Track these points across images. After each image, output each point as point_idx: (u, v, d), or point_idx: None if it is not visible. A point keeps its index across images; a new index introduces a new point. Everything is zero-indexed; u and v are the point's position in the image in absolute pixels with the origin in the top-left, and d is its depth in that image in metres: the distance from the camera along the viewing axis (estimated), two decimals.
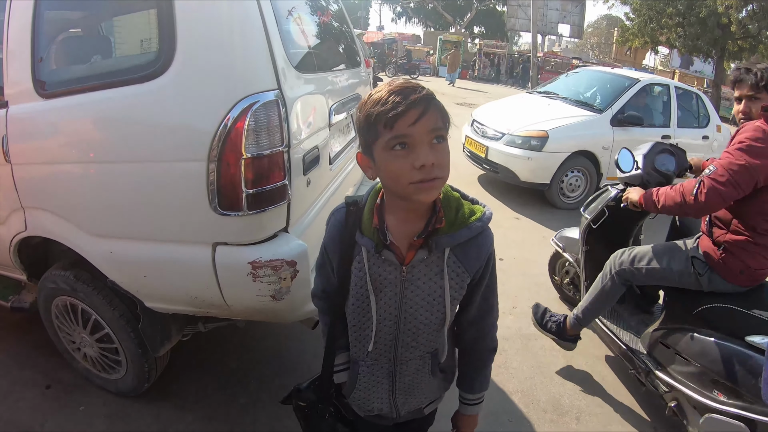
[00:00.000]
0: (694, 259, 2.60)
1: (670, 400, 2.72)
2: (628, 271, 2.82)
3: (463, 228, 1.21)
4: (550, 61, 33.23)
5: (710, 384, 2.46)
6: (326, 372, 1.48)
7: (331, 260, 1.34)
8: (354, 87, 3.02)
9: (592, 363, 3.39)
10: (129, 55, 2.49)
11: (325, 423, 1.53)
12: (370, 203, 1.26)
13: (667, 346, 2.72)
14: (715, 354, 2.43)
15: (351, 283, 1.29)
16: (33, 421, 2.43)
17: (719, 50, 22.11)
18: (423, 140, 1.06)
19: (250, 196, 1.78)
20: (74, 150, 2.02)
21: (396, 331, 1.32)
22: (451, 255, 1.23)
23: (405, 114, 1.04)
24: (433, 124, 1.06)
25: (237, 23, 1.80)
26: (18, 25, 2.07)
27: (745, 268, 2.45)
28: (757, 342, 2.32)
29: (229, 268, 1.90)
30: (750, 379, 2.28)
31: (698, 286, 2.59)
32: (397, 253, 1.23)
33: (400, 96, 1.05)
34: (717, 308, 2.53)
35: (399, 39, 36.87)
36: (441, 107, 1.10)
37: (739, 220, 2.46)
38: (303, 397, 1.55)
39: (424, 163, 1.05)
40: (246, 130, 1.72)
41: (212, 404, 2.62)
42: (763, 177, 2.26)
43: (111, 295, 2.24)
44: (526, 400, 2.96)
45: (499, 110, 7.37)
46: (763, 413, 2.21)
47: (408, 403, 1.44)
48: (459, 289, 1.27)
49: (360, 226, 1.25)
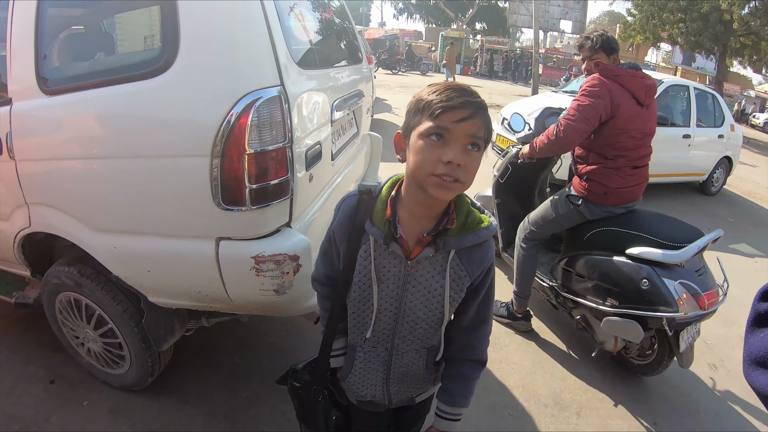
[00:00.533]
0: (569, 196, 3.22)
1: (576, 315, 3.32)
2: (531, 233, 3.42)
3: (471, 233, 1.24)
4: (552, 58, 33.21)
5: (604, 293, 3.02)
6: (323, 354, 1.50)
7: (338, 246, 1.35)
8: (356, 83, 3.02)
9: (593, 358, 3.39)
10: (132, 51, 2.50)
11: (319, 405, 1.55)
12: (385, 194, 1.27)
13: (569, 270, 3.30)
14: (604, 268, 3.04)
15: (355, 271, 1.31)
16: (37, 416, 2.44)
17: (721, 47, 21.99)
18: (459, 140, 1.09)
19: (254, 191, 1.79)
20: (78, 146, 2.02)
21: (395, 322, 1.34)
22: (455, 257, 1.26)
23: (453, 109, 1.08)
24: (475, 131, 1.09)
25: (240, 19, 1.81)
26: (21, 22, 2.07)
27: (607, 190, 3.05)
28: (635, 253, 2.92)
29: (233, 263, 1.91)
30: (633, 284, 2.86)
31: (582, 217, 3.20)
32: (404, 247, 1.25)
33: (456, 93, 1.10)
34: (600, 232, 3.14)
35: (401, 35, 36.90)
36: (488, 120, 1.13)
37: (593, 153, 3.10)
38: (298, 377, 1.58)
39: (452, 159, 1.08)
40: (249, 126, 1.72)
41: (215, 399, 2.64)
42: (604, 112, 2.90)
43: (115, 290, 2.25)
44: (527, 395, 2.98)
45: (531, 110, 7.43)
46: (650, 310, 2.79)
47: (400, 392, 1.47)
48: (459, 291, 1.29)
49: (371, 216, 1.26)
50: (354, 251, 1.30)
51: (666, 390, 3.21)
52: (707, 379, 3.41)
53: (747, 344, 0.80)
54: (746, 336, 0.81)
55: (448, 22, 45.43)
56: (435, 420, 1.46)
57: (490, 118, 1.14)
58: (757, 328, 0.80)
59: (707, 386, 3.33)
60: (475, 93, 1.12)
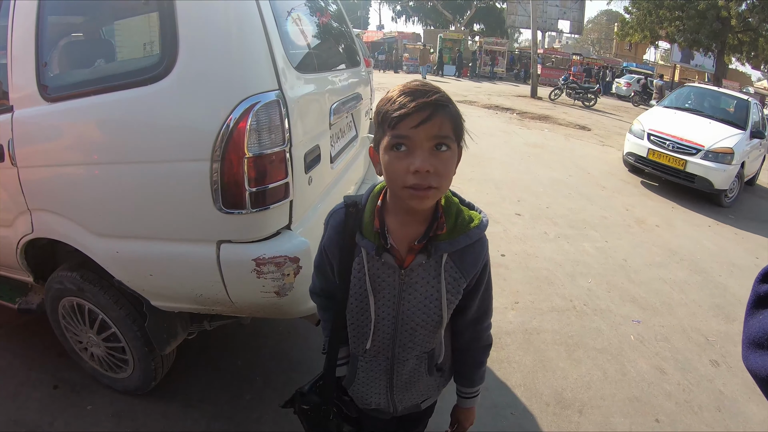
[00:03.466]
0: None
1: None
2: None
3: (462, 235, 1.22)
4: (551, 58, 33.24)
5: None
6: (329, 372, 1.47)
7: (331, 261, 1.35)
8: (354, 86, 3.04)
9: (594, 356, 3.41)
10: (132, 58, 2.51)
11: (331, 423, 1.53)
12: (371, 205, 1.26)
13: None
14: None
15: (351, 283, 1.29)
16: (41, 420, 2.45)
17: (719, 44, 22.03)
18: (423, 145, 1.05)
19: (253, 195, 1.81)
20: (79, 152, 2.04)
21: (394, 331, 1.33)
22: (448, 260, 1.25)
23: (408, 116, 1.03)
24: (437, 131, 1.05)
25: (237, 25, 1.83)
26: (21, 30, 2.09)
27: None
28: None
29: (234, 266, 1.92)
30: None
31: None
32: (396, 256, 1.24)
33: (409, 97, 1.05)
34: None
35: (399, 38, 36.98)
36: (453, 114, 1.09)
37: None
38: (307, 400, 1.54)
39: (418, 168, 1.04)
40: (248, 130, 1.74)
41: (218, 401, 2.65)
42: None
43: (117, 295, 2.26)
44: (529, 394, 2.98)
45: (674, 126, 8.62)
46: None
47: (405, 399, 1.46)
48: (455, 293, 1.28)
49: (360, 228, 1.25)
50: (347, 265, 1.29)
51: (668, 387, 3.21)
52: (709, 375, 3.42)
53: (746, 327, 0.78)
54: (746, 319, 0.79)
55: (446, 24, 45.49)
56: (459, 400, 1.56)
57: (455, 110, 1.10)
58: (756, 310, 0.78)
59: (709, 383, 3.34)
60: (432, 90, 1.07)
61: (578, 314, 3.96)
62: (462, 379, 1.54)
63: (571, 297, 4.23)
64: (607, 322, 3.91)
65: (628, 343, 3.66)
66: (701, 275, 5.10)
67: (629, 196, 7.75)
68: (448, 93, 1.11)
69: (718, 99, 9.83)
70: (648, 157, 8.34)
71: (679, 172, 7.99)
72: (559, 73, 29.41)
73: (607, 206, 7.00)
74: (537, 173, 8.31)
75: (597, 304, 4.17)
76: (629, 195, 7.79)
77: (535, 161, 9.22)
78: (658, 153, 8.20)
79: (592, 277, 4.69)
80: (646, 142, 8.46)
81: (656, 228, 6.38)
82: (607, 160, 10.26)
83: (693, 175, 7.85)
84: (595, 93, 20.25)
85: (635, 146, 8.65)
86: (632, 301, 4.33)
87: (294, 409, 1.59)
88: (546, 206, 6.63)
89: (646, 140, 8.47)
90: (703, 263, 5.43)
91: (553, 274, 4.64)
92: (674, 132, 8.29)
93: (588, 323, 3.83)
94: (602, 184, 8.15)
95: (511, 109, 16.30)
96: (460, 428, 1.60)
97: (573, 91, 20.43)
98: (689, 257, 5.54)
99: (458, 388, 1.56)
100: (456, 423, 1.60)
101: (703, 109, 9.49)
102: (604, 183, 8.26)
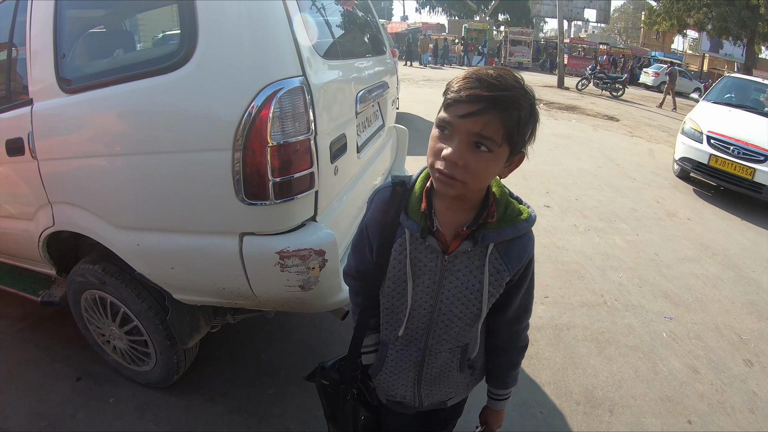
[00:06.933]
0: None
1: None
2: None
3: (510, 226, 1.18)
4: (578, 47, 32.71)
5: None
6: (353, 352, 1.47)
7: (371, 240, 1.30)
8: (380, 75, 2.97)
9: (625, 353, 3.31)
10: (150, 46, 2.48)
11: (347, 404, 1.52)
12: (420, 185, 1.22)
13: None
14: None
15: (389, 266, 1.25)
16: (64, 413, 2.45)
17: (749, 32, 21.51)
18: (462, 137, 1.01)
19: (277, 185, 1.75)
20: (99, 143, 2.01)
21: (429, 321, 1.29)
22: (494, 251, 1.20)
23: (459, 103, 1.00)
24: (479, 129, 0.99)
25: (258, 8, 1.76)
26: (40, 23, 2.08)
27: None
28: None
29: (257, 259, 1.87)
30: None
31: None
32: (441, 241, 1.19)
33: (471, 84, 1.00)
34: None
35: (423, 28, 36.79)
36: (510, 117, 1.00)
37: None
38: (326, 375, 1.55)
39: (445, 155, 1.02)
40: (271, 118, 1.68)
41: (241, 396, 2.62)
42: None
43: (139, 288, 2.24)
44: (558, 392, 2.90)
45: (734, 127, 7.52)
46: None
47: (432, 394, 1.42)
48: (497, 286, 1.23)
49: (406, 208, 1.21)
50: (388, 245, 1.24)
51: (701, 387, 3.10)
52: (742, 375, 3.29)
53: None
54: None
55: (470, 14, 45.11)
56: (489, 402, 1.53)
57: (517, 114, 1.01)
58: None
59: (742, 383, 3.21)
60: (495, 84, 0.99)
61: (609, 310, 3.85)
62: (494, 380, 1.50)
63: (602, 292, 4.11)
64: (639, 318, 3.79)
65: (660, 340, 3.54)
66: (734, 271, 4.93)
67: (659, 188, 7.52)
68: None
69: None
70: (710, 164, 7.25)
71: (744, 180, 6.95)
72: (586, 63, 28.95)
73: (637, 198, 6.82)
74: (565, 164, 8.16)
75: (628, 300, 4.05)
76: (659, 187, 7.56)
77: (563, 152, 9.06)
78: (721, 160, 7.11)
79: (623, 272, 4.56)
80: (705, 146, 7.36)
81: (687, 221, 6.19)
82: (636, 151, 10.02)
83: (761, 185, 6.79)
84: (623, 83, 19.89)
85: (692, 151, 7.52)
86: (664, 296, 4.20)
87: (315, 384, 1.60)
88: (575, 198, 6.49)
89: (705, 144, 7.38)
90: (735, 258, 5.24)
91: (584, 268, 4.52)
92: (736, 135, 7.24)
93: (619, 319, 3.72)
94: (632, 176, 7.94)
95: (538, 99, 16.08)
96: (488, 430, 1.57)
97: (600, 81, 20.10)
98: (722, 252, 5.35)
99: (489, 390, 1.52)
100: (484, 424, 1.57)
101: (757, 105, 8.36)
102: (633, 174, 8.05)
